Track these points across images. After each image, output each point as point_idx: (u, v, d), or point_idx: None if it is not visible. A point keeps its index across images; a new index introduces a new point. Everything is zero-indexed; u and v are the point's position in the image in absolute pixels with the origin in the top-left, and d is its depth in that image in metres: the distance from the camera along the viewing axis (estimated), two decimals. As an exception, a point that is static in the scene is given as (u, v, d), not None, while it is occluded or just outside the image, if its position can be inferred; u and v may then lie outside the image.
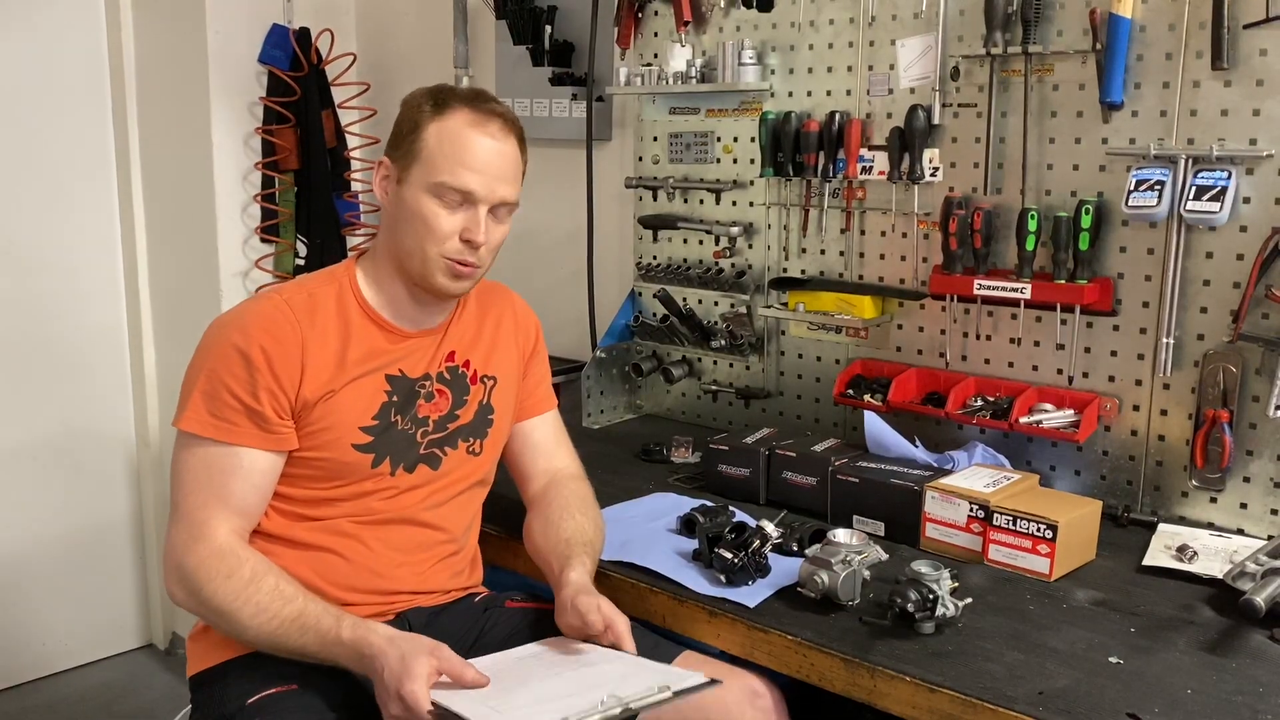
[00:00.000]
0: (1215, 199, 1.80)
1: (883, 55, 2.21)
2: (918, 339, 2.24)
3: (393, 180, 1.67)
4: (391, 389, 1.69)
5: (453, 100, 1.65)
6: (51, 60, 3.16)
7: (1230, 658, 1.48)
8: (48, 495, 3.30)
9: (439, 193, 1.62)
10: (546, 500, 1.82)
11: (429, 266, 1.65)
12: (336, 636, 1.50)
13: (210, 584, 1.54)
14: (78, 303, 3.30)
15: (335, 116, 3.23)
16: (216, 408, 1.59)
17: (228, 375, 1.59)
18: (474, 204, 1.63)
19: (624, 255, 2.76)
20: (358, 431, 1.66)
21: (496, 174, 1.64)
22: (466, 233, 1.63)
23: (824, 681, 1.52)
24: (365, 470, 1.67)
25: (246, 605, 1.53)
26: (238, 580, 1.53)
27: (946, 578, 1.54)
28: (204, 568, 1.55)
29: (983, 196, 2.10)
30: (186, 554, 1.56)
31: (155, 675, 3.43)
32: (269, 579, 1.55)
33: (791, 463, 2.02)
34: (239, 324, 1.62)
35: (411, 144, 1.64)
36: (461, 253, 1.64)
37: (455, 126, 1.63)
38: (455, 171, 1.61)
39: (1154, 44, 1.89)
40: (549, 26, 2.84)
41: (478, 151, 1.62)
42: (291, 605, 1.53)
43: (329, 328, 1.66)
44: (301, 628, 1.52)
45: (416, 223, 1.63)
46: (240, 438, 1.59)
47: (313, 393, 1.62)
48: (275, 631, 1.52)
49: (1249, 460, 1.87)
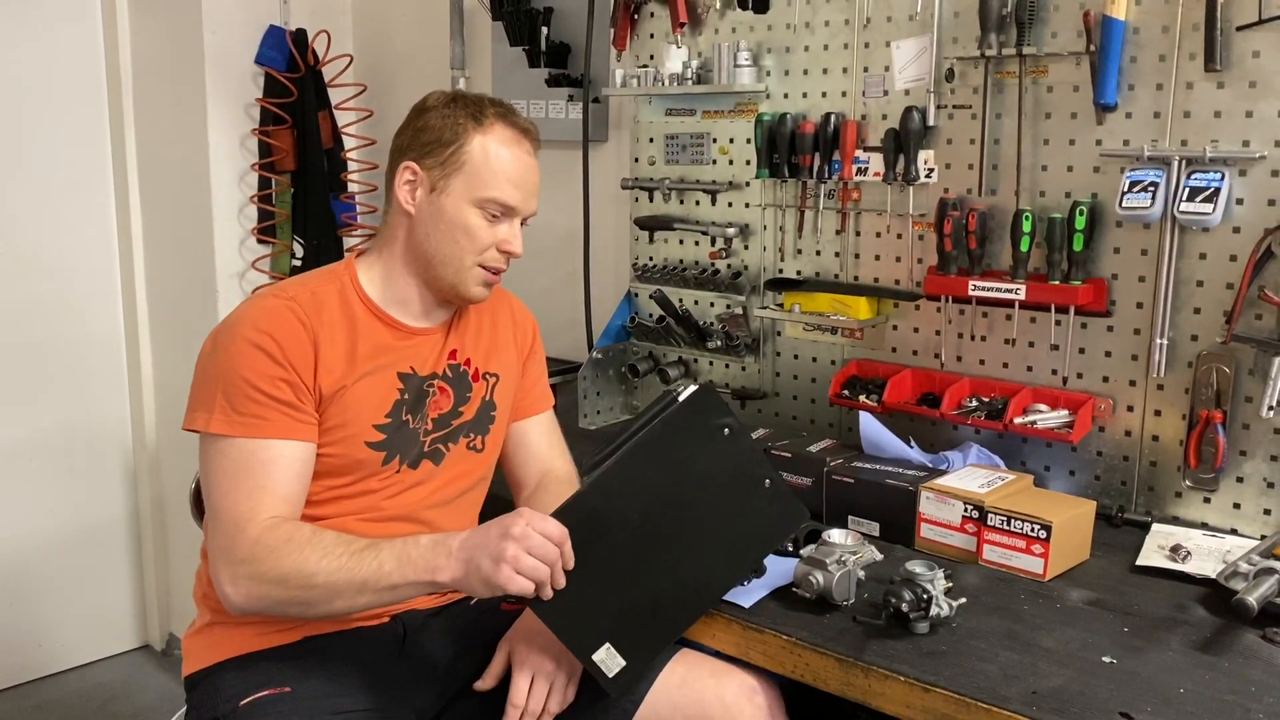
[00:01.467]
0: (1208, 200, 1.81)
1: (878, 57, 2.22)
2: (913, 340, 2.25)
3: (423, 187, 1.69)
4: (404, 386, 1.71)
5: (489, 113, 1.69)
6: (48, 62, 3.16)
7: (1223, 657, 1.48)
8: (45, 496, 3.30)
9: (483, 205, 1.67)
10: (535, 502, 1.82)
11: (464, 276, 1.69)
12: (418, 551, 1.45)
13: (270, 557, 1.49)
14: (74, 304, 3.30)
15: (332, 118, 3.23)
16: (242, 404, 1.57)
17: (248, 370, 1.57)
18: (513, 217, 1.70)
19: (620, 256, 2.76)
20: (371, 429, 1.67)
21: (532, 189, 1.73)
22: (505, 244, 1.70)
23: (819, 681, 1.53)
24: (375, 467, 1.68)
25: (314, 550, 1.48)
26: (299, 539, 1.50)
27: (941, 578, 1.55)
28: (258, 547, 1.50)
29: (977, 198, 2.10)
30: (234, 547, 1.51)
31: (152, 676, 3.44)
32: (328, 532, 1.53)
33: (787, 463, 2.03)
34: (246, 323, 1.62)
35: (454, 155, 1.67)
36: (498, 261, 1.71)
37: (499, 143, 1.68)
38: (503, 187, 1.67)
39: (1147, 46, 1.89)
40: (545, 28, 2.85)
41: (519, 169, 1.69)
42: (358, 541, 1.49)
43: (336, 323, 1.67)
44: (375, 549, 1.47)
45: (457, 233, 1.67)
46: (271, 430, 1.57)
47: (328, 386, 1.62)
48: (347, 564, 1.46)
49: (1242, 460, 1.87)
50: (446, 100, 1.71)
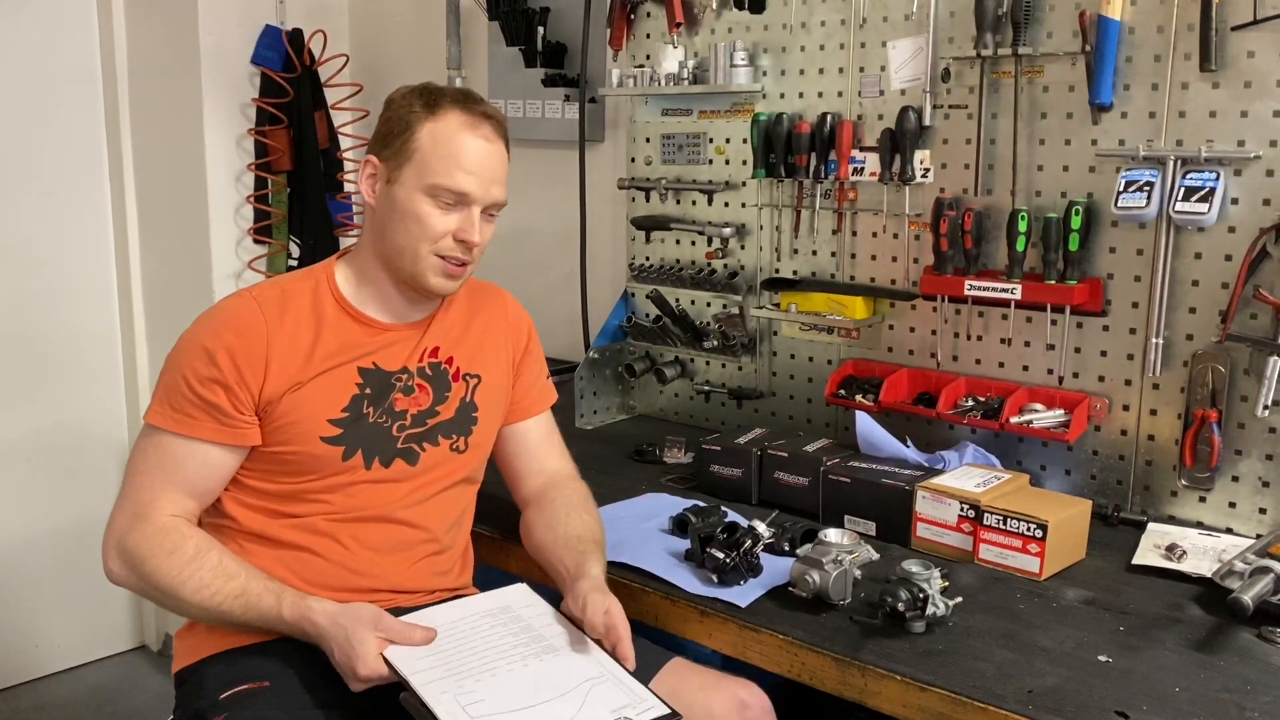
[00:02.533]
0: (1203, 200, 1.81)
1: (874, 57, 2.22)
2: (909, 339, 2.25)
3: (380, 179, 1.68)
4: (363, 381, 1.69)
5: (444, 100, 1.66)
6: (44, 61, 3.16)
7: (1218, 656, 1.48)
8: (40, 496, 3.29)
9: (434, 193, 1.64)
10: (549, 499, 1.82)
11: (421, 265, 1.66)
12: (278, 615, 1.53)
13: (152, 559, 1.56)
14: (70, 303, 3.30)
15: (328, 118, 3.23)
16: (177, 402, 1.62)
17: (189, 371, 1.62)
18: (468, 205, 1.65)
19: (617, 256, 2.76)
20: (325, 424, 1.65)
21: (490, 175, 1.66)
22: (461, 233, 1.65)
23: (815, 681, 1.53)
24: (336, 464, 1.67)
25: (189, 581, 1.55)
26: (180, 556, 1.56)
27: (937, 577, 1.55)
28: (146, 544, 1.57)
29: (973, 197, 2.11)
30: (129, 532, 1.59)
31: (148, 677, 3.43)
32: (212, 555, 1.58)
33: (783, 463, 2.03)
34: (208, 323, 1.67)
35: (404, 144, 1.65)
36: (455, 251, 1.66)
37: (449, 128, 1.64)
38: (452, 173, 1.63)
39: (1143, 46, 1.90)
40: (541, 28, 2.84)
41: (472, 153, 1.64)
42: (234, 582, 1.56)
43: (300, 322, 1.67)
44: (244, 605, 1.55)
45: (410, 222, 1.65)
46: (197, 431, 1.61)
47: (277, 388, 1.63)
48: (219, 607, 1.55)
49: (1237, 460, 1.88)
50: (407, 91, 1.70)
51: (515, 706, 1.42)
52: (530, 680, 1.48)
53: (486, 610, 1.64)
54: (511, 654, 1.53)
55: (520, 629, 1.59)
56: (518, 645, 1.55)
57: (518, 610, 1.64)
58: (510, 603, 1.66)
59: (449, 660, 1.50)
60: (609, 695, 1.45)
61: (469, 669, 1.48)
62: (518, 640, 1.56)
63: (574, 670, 1.50)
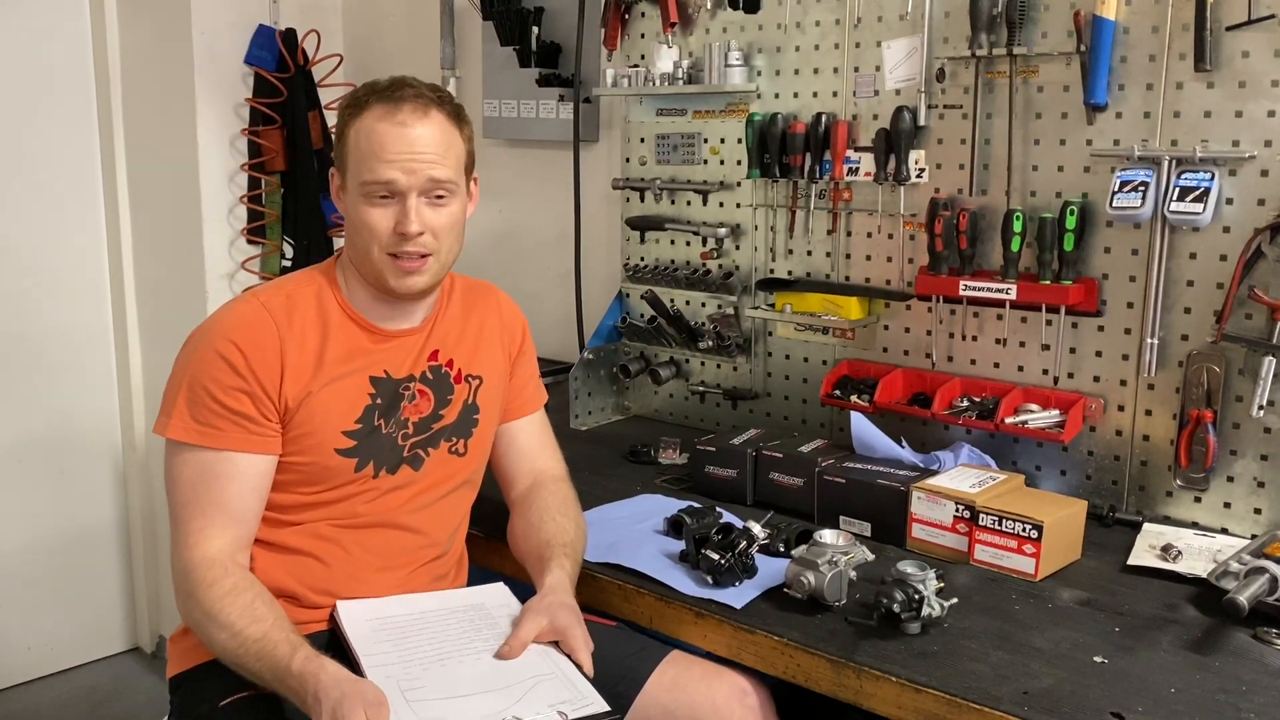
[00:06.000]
0: (1198, 200, 1.81)
1: (868, 57, 2.22)
2: (904, 340, 2.25)
3: (339, 188, 1.69)
4: (375, 391, 1.68)
5: (369, 97, 1.63)
6: (36, 61, 3.15)
7: (1214, 656, 1.48)
8: (33, 498, 3.28)
9: (366, 192, 1.62)
10: (528, 502, 1.82)
11: (378, 268, 1.65)
12: (287, 667, 1.45)
13: (193, 590, 1.54)
14: (63, 304, 3.28)
15: (322, 118, 3.22)
16: (201, 413, 1.58)
17: (209, 380, 1.58)
18: (400, 193, 1.61)
19: (611, 256, 2.75)
20: (340, 436, 1.65)
21: (415, 157, 1.60)
22: (399, 225, 1.61)
23: (810, 682, 1.52)
24: (348, 475, 1.66)
25: (217, 618, 1.51)
26: (217, 591, 1.52)
27: (932, 578, 1.55)
28: (191, 574, 1.54)
29: (968, 198, 2.10)
30: (177, 559, 1.58)
31: (141, 679, 3.42)
32: (245, 596, 1.53)
33: (778, 463, 2.03)
34: (217, 329, 1.63)
35: (340, 150, 1.66)
36: (397, 244, 1.62)
37: (369, 123, 1.61)
38: (372, 167, 1.60)
39: (1137, 46, 1.90)
40: (536, 28, 2.84)
41: (387, 142, 1.59)
42: (257, 626, 1.49)
43: (307, 328, 1.65)
44: (259, 652, 1.48)
45: (360, 226, 1.64)
46: (227, 442, 1.58)
47: (294, 395, 1.61)
48: (236, 650, 1.49)
49: (1233, 460, 1.88)
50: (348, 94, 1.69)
51: (453, 694, 1.45)
52: (479, 673, 1.51)
53: (461, 605, 1.69)
54: (469, 647, 1.57)
55: (486, 625, 1.63)
56: (477, 640, 1.58)
57: (490, 608, 1.68)
58: (485, 600, 1.71)
59: (406, 647, 1.55)
60: (552, 691, 1.47)
61: (421, 658, 1.53)
62: (478, 635, 1.60)
63: (525, 667, 1.52)
